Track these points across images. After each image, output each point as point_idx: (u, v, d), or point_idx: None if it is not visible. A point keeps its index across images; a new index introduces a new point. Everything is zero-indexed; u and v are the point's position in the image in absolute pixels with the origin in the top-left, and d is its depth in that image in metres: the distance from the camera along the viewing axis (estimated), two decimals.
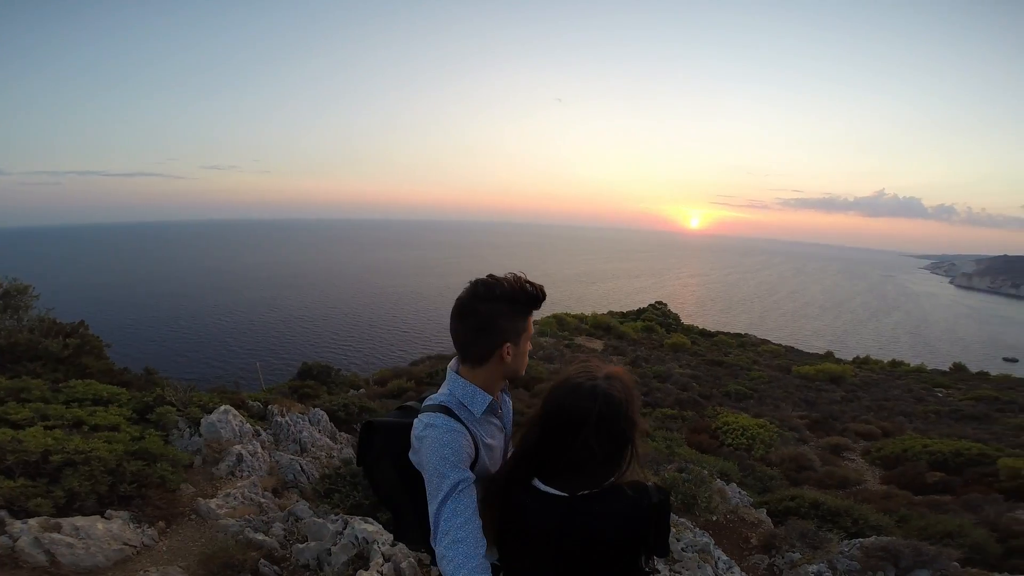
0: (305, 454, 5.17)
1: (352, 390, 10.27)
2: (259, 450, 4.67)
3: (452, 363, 1.36)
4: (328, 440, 5.50)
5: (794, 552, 3.78)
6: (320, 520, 2.82)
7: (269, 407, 6.05)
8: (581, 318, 34.44)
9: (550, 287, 1.34)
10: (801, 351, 36.90)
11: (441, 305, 66.97)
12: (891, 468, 9.33)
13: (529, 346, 1.36)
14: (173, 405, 4.95)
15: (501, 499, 1.24)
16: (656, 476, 4.94)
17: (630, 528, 1.16)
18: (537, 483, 1.21)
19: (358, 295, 70.76)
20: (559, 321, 30.69)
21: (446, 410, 1.25)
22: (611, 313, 40.54)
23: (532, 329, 1.36)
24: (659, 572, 2.90)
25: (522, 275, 1.28)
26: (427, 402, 1.32)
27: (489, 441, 1.33)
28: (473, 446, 1.25)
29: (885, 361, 35.76)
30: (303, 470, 4.63)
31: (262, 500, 3.68)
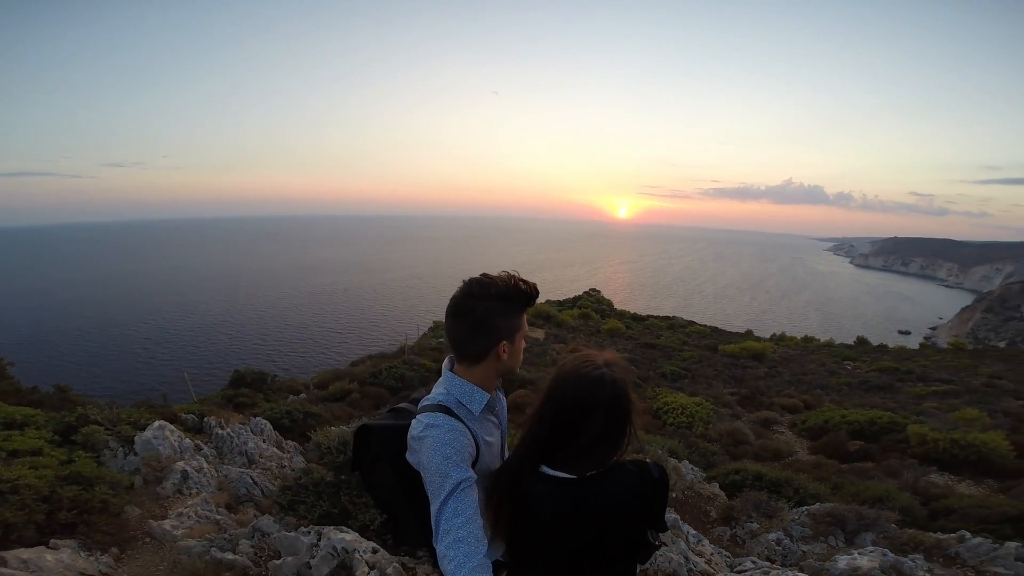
0: (254, 466, 4.89)
1: (291, 396, 9.80)
2: (204, 465, 4.36)
3: (446, 363, 1.36)
4: (276, 450, 5.22)
5: (752, 522, 4.05)
6: (291, 533, 2.67)
7: (205, 419, 5.68)
8: None
9: None
10: (724, 331, 39.41)
11: (375, 303, 65.12)
12: (816, 439, 10.12)
13: (523, 343, 1.37)
14: (100, 424, 4.50)
15: (512, 491, 1.26)
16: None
17: (638, 503, 1.22)
18: (545, 470, 1.24)
19: (287, 296, 67.23)
20: None
21: (445, 409, 1.25)
22: (548, 302, 41.38)
23: (526, 327, 1.36)
24: (665, 545, 3.00)
25: (515, 273, 1.30)
26: (424, 402, 1.31)
27: (488, 439, 1.33)
28: (474, 445, 1.25)
29: (799, 337, 39.05)
30: (255, 483, 4.37)
31: (218, 517, 3.43)
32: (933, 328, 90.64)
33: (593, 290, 53.59)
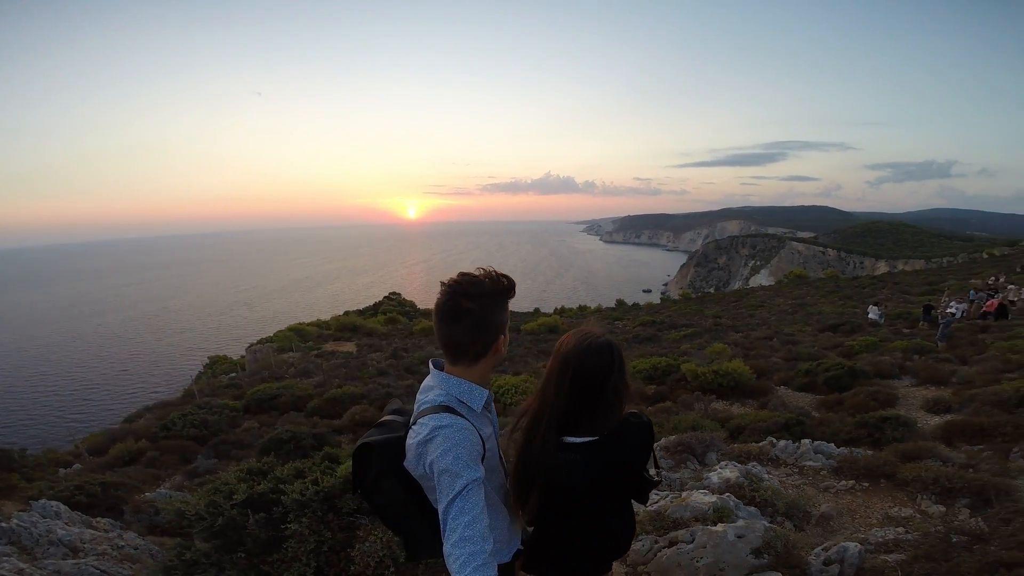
0: (81, 554, 3.52)
1: (62, 469, 7.57)
2: (21, 566, 2.89)
3: (432, 366, 1.37)
4: (92, 531, 3.84)
5: None
6: None
7: None
8: (321, 324, 32.16)
9: (265, 299, 1.26)
10: (516, 312, 42.98)
11: (123, 347, 52.47)
12: None
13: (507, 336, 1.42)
14: None
15: (542, 468, 1.37)
16: None
17: (645, 448, 1.42)
18: (569, 439, 1.37)
19: None
20: (298, 333, 27.96)
21: (449, 409, 1.25)
22: (347, 313, 39.19)
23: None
24: (662, 480, 3.08)
25: (491, 269, 1.32)
26: (422, 406, 1.30)
27: (487, 431, 1.35)
28: (481, 441, 1.26)
29: (575, 308, 44.89)
30: (108, 574, 3.08)
31: None
32: (665, 284, 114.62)
33: (393, 293, 52.60)
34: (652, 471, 1.52)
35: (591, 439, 1.36)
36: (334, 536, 2.48)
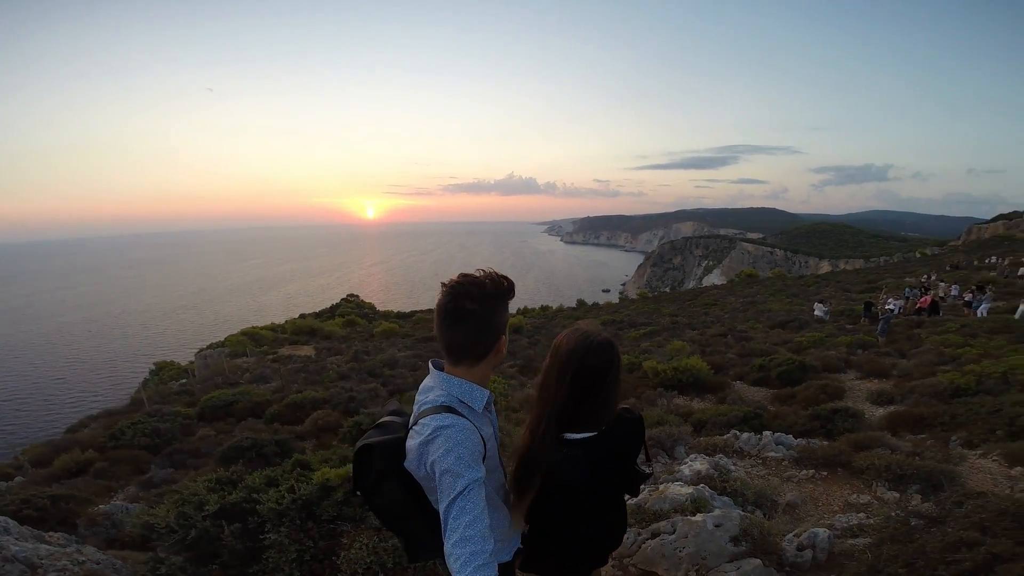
0: (40, 570, 3.27)
1: (3, 482, 7.09)
2: None
3: (432, 367, 1.37)
4: (47, 546, 3.58)
5: None
6: None
7: None
8: (276, 328, 31.08)
9: (214, 302, 1.27)
10: None
11: (60, 353, 49.01)
12: None
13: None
14: None
15: (543, 466, 1.37)
16: None
17: (639, 441, 1.47)
18: (570, 436, 1.39)
19: None
20: (252, 337, 26.91)
21: (450, 410, 1.25)
22: (304, 316, 38.04)
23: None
24: (653, 472, 3.15)
25: (492, 270, 1.33)
26: (422, 406, 1.30)
27: (488, 431, 1.36)
28: (482, 442, 1.26)
29: (538, 308, 45.21)
30: None
31: None
32: (623, 284, 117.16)
33: (351, 295, 51.45)
34: (644, 465, 1.56)
35: (590, 435, 1.38)
36: (316, 544, 2.41)
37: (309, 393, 10.77)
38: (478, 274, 1.30)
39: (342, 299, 47.46)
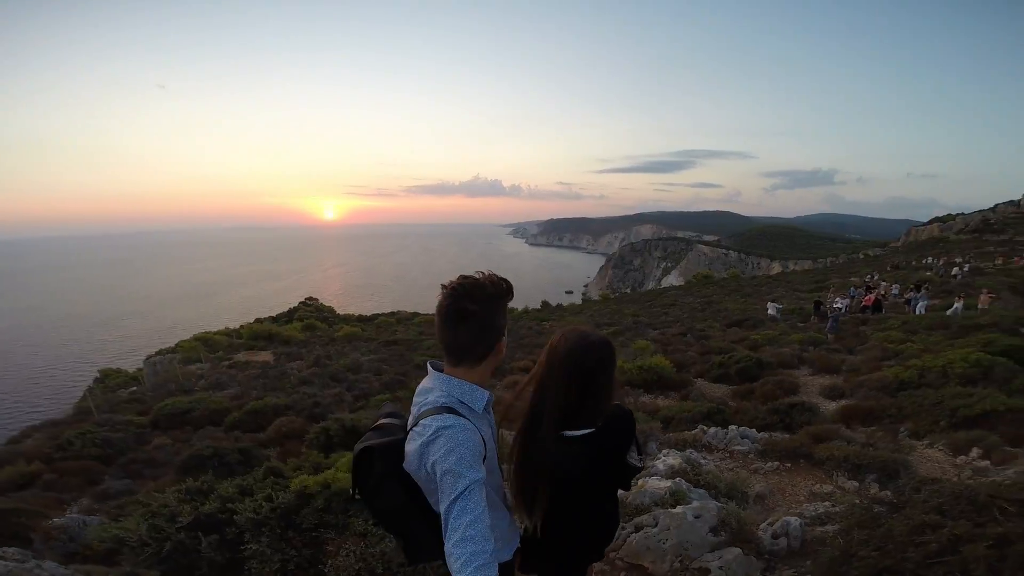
0: None
1: None
2: None
3: (431, 368, 1.39)
4: (3, 562, 3.35)
5: None
6: None
7: None
8: (230, 333, 29.90)
9: (163, 307, 1.29)
10: None
11: None
12: None
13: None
14: None
15: (542, 462, 1.42)
16: None
17: (632, 434, 1.49)
18: (569, 433, 1.42)
19: None
20: (205, 343, 25.78)
21: (451, 410, 1.26)
22: (260, 320, 36.76)
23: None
24: (644, 466, 3.14)
25: (491, 272, 1.36)
26: (422, 407, 1.31)
27: (487, 432, 1.36)
28: (482, 443, 1.27)
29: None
30: None
31: None
32: (586, 286, 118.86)
33: (310, 299, 49.98)
34: (635, 458, 1.61)
35: (588, 431, 1.41)
36: (299, 553, 2.36)
37: (270, 400, 10.42)
38: (478, 276, 1.32)
39: (300, 302, 46.06)
